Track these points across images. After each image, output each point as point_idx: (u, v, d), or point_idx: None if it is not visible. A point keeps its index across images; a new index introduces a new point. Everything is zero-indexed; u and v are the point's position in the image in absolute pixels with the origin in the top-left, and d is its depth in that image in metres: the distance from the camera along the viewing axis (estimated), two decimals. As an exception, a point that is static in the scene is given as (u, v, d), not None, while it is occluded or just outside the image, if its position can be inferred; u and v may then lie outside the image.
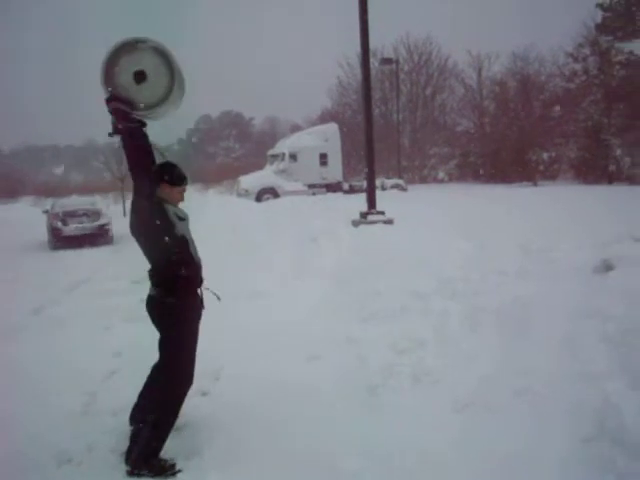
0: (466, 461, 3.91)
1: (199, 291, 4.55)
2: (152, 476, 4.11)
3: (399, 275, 7.91)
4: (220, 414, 5.00)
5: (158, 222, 4.16)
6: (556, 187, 29.02)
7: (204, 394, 5.52)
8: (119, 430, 4.68)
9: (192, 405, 5.22)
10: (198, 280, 4.51)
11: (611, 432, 3.77)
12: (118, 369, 6.20)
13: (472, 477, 3.73)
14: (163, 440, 4.24)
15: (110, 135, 4.19)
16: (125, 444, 4.31)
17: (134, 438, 4.27)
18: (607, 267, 6.30)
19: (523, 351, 5.07)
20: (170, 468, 4.17)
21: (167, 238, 4.20)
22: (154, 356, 5.74)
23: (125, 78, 4.21)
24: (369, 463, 3.99)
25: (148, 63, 4.26)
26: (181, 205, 4.51)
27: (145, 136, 4.23)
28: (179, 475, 4.12)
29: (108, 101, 4.17)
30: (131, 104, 4.22)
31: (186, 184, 4.52)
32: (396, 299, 7.22)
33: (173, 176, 4.39)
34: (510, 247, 8.22)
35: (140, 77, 4.23)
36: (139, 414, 4.50)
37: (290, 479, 3.95)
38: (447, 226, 10.95)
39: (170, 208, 4.31)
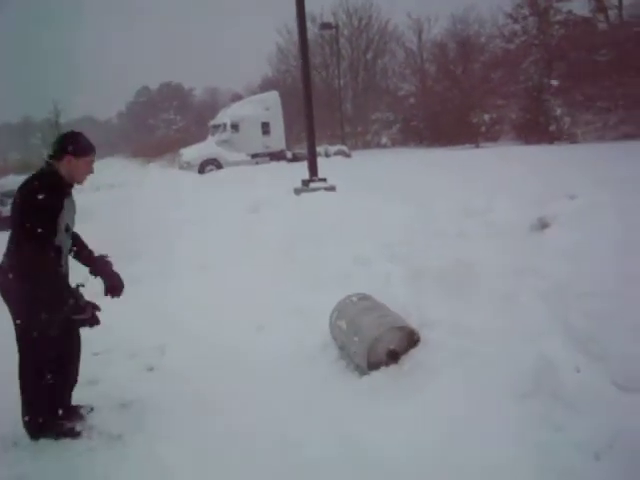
0: (407, 423, 3.98)
1: None
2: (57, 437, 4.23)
3: (342, 242, 7.95)
4: (167, 389, 4.97)
5: (40, 230, 3.84)
6: (498, 148, 29.42)
7: (150, 369, 5.51)
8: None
9: (139, 380, 5.21)
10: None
11: (548, 387, 3.88)
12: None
13: (413, 439, 3.80)
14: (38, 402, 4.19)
15: None
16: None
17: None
18: (543, 225, 6.45)
19: (462, 311, 5.17)
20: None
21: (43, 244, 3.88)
22: (100, 340, 5.66)
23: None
24: (315, 432, 4.04)
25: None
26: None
27: None
28: (131, 452, 4.10)
29: None
30: None
31: (94, 154, 4.21)
32: (340, 266, 7.27)
33: (79, 146, 4.09)
34: (451, 209, 8.30)
35: (393, 355, 4.86)
36: None
37: (238, 450, 3.96)
38: (389, 191, 11.04)
39: (64, 214, 4.01)
